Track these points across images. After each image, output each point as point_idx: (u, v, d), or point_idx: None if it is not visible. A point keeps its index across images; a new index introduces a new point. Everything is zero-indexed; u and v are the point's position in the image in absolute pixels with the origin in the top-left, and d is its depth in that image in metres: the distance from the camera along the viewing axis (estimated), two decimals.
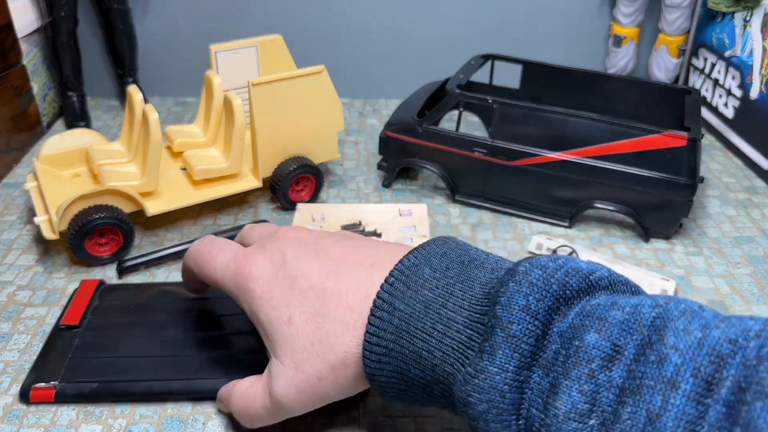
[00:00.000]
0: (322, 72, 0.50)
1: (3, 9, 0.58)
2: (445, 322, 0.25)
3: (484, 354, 0.23)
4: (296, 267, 0.29)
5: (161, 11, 0.70)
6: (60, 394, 0.34)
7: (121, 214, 0.45)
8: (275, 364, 0.29)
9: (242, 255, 0.31)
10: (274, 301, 0.29)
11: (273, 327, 0.29)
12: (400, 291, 0.26)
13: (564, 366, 0.21)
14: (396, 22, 0.72)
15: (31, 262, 0.46)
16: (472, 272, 0.26)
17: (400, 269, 0.27)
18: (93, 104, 0.72)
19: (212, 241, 0.34)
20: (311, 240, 0.31)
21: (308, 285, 0.28)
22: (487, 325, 0.23)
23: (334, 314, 0.28)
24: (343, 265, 0.29)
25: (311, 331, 0.28)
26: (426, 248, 0.28)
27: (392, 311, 0.26)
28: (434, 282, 0.26)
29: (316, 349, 0.27)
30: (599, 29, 0.74)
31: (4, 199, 0.54)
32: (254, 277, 0.30)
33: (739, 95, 0.63)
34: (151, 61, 0.72)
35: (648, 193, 0.48)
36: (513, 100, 0.50)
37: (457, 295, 0.25)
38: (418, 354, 0.25)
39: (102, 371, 0.35)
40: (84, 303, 0.40)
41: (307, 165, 0.52)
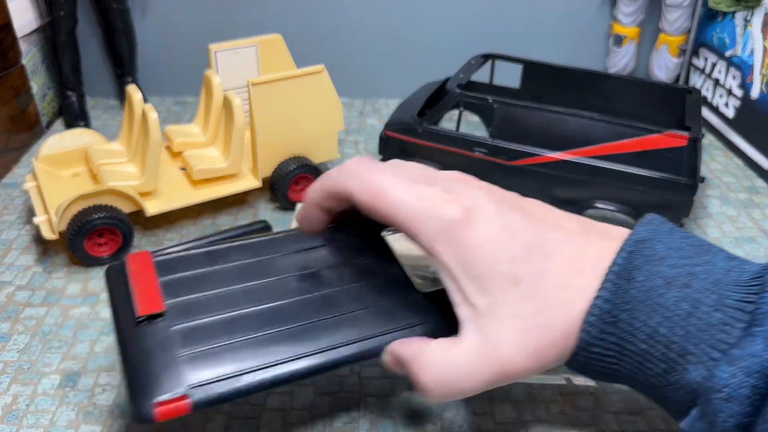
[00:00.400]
0: (322, 72, 0.50)
1: (2, 8, 0.58)
2: (691, 302, 0.24)
3: (756, 338, 0.22)
4: (510, 221, 0.27)
5: (161, 11, 0.70)
6: (199, 401, 0.26)
7: (120, 214, 0.45)
8: (495, 328, 0.26)
9: (438, 195, 0.27)
10: (495, 254, 0.26)
11: (495, 284, 0.26)
12: (638, 262, 0.26)
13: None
14: (396, 21, 0.72)
15: (30, 262, 0.46)
16: (706, 256, 0.26)
17: (635, 239, 0.26)
18: (92, 104, 0.72)
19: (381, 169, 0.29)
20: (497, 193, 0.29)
21: (529, 243, 0.26)
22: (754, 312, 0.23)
23: (561, 278, 0.26)
24: (553, 226, 0.27)
25: (542, 294, 0.26)
26: (652, 224, 0.27)
27: (630, 280, 0.25)
28: (671, 260, 0.26)
29: (550, 314, 0.26)
30: (600, 29, 0.73)
31: (3, 199, 0.54)
32: (470, 223, 0.26)
33: (739, 95, 0.63)
34: (151, 60, 0.72)
35: (648, 193, 0.48)
36: (513, 99, 0.50)
37: (699, 276, 0.25)
38: (654, 329, 0.25)
39: (229, 362, 0.27)
40: (153, 282, 0.31)
41: (307, 165, 0.52)
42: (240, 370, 0.27)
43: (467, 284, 0.27)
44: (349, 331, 0.29)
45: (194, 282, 0.31)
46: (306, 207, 0.32)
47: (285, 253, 0.33)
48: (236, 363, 0.27)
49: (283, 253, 0.33)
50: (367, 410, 0.35)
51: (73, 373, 0.37)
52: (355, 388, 0.36)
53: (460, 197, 0.27)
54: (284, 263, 0.33)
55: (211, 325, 0.29)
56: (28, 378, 0.37)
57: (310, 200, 0.32)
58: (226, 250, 0.33)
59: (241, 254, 0.33)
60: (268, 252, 0.33)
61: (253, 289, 0.31)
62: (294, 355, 0.28)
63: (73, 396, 0.35)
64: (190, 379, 0.26)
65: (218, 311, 0.29)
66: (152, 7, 0.70)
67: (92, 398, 0.35)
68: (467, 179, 0.30)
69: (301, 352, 0.28)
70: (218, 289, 0.31)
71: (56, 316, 0.41)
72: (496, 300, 0.26)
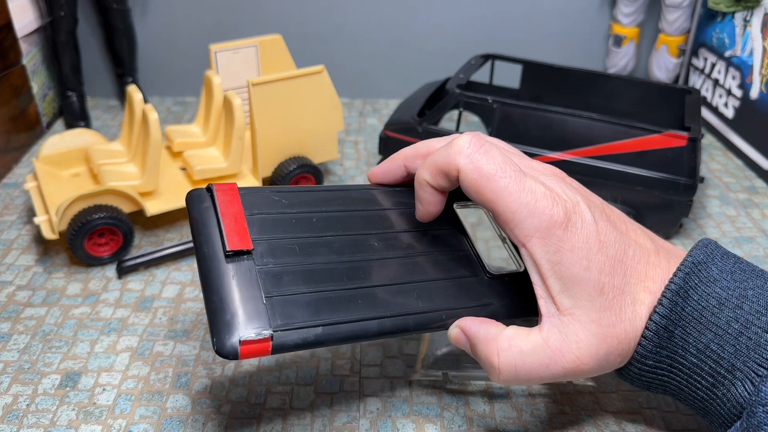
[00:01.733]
0: (321, 72, 0.50)
1: (2, 9, 0.58)
2: (743, 322, 0.26)
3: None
4: (603, 231, 0.28)
5: (161, 11, 0.70)
6: (279, 345, 0.26)
7: (120, 214, 0.45)
8: (574, 327, 0.27)
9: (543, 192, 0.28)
10: (586, 261, 0.27)
11: (582, 289, 0.27)
12: (693, 282, 0.28)
13: None
14: (396, 22, 0.72)
15: (30, 262, 0.46)
16: (757, 281, 0.28)
17: (692, 261, 0.28)
18: (92, 104, 0.72)
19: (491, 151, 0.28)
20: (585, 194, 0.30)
21: (615, 256, 0.28)
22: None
23: (636, 295, 0.28)
24: (632, 241, 0.29)
25: (619, 307, 0.28)
26: (708, 248, 0.29)
27: (686, 299, 0.27)
28: (724, 282, 0.28)
29: (623, 327, 0.28)
30: (599, 29, 0.74)
31: (3, 199, 0.54)
32: (570, 227, 0.27)
33: (739, 95, 0.63)
34: (151, 60, 0.72)
35: (648, 193, 0.48)
36: (513, 99, 0.50)
37: (750, 299, 0.27)
38: (706, 345, 0.27)
39: (317, 310, 0.27)
40: (241, 217, 0.29)
41: (307, 165, 0.52)
42: (320, 321, 0.27)
43: (555, 283, 0.28)
44: (422, 299, 0.30)
45: (281, 224, 0.30)
46: (418, 189, 0.31)
47: (369, 209, 0.33)
48: (317, 313, 0.27)
49: (367, 209, 0.33)
50: (367, 410, 0.35)
51: (73, 373, 0.37)
52: (355, 388, 0.36)
53: (562, 198, 0.28)
54: (368, 220, 0.32)
55: (295, 272, 0.28)
56: (29, 378, 0.37)
57: (422, 180, 0.31)
58: (312, 194, 0.33)
59: (326, 202, 0.33)
60: (352, 205, 0.33)
61: (336, 242, 0.31)
62: (368, 316, 0.28)
63: (73, 396, 0.36)
64: (274, 322, 0.26)
65: (303, 258, 0.29)
66: (152, 8, 0.70)
67: (92, 398, 0.35)
68: (563, 178, 0.31)
69: (375, 314, 0.28)
70: (303, 235, 0.30)
71: (56, 316, 0.41)
72: (579, 303, 0.28)
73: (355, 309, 0.28)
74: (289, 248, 0.29)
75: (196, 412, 0.35)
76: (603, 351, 0.28)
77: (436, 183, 0.30)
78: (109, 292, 0.44)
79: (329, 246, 0.30)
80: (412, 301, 0.29)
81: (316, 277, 0.29)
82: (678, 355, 0.28)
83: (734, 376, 0.26)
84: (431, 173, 0.30)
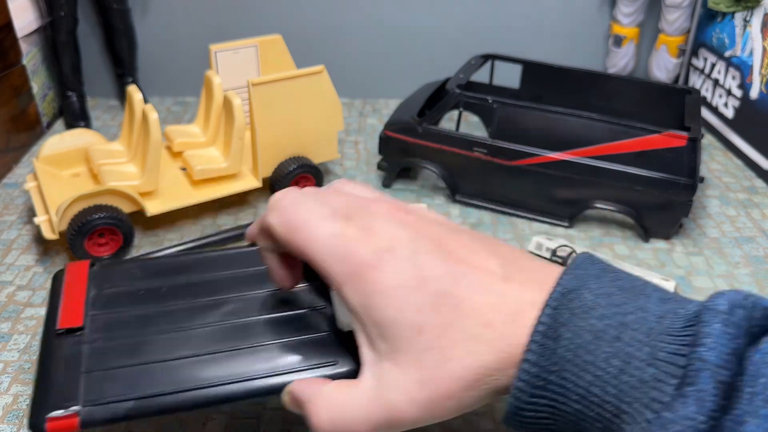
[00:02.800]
0: (321, 72, 0.50)
1: (3, 9, 0.58)
2: (622, 356, 0.23)
3: (688, 399, 0.21)
4: (423, 265, 0.26)
5: (161, 11, 0.70)
6: (87, 420, 0.26)
7: (120, 214, 0.45)
8: (392, 374, 0.25)
9: (353, 235, 0.26)
10: (400, 301, 0.25)
11: (397, 332, 0.25)
12: (564, 317, 0.24)
13: (751, 404, 0.21)
14: (396, 21, 0.72)
15: (30, 262, 0.46)
16: (639, 302, 0.24)
17: (560, 291, 0.25)
18: (92, 104, 0.72)
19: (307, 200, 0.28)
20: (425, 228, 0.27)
21: (440, 290, 0.25)
22: (686, 367, 0.22)
23: (470, 330, 0.25)
24: (472, 270, 0.26)
25: (445, 345, 0.25)
26: (579, 268, 0.26)
27: (557, 339, 0.24)
28: (600, 310, 0.24)
29: (451, 367, 0.25)
30: (599, 29, 0.74)
31: (3, 198, 0.54)
32: (376, 267, 0.26)
33: (739, 95, 0.63)
34: (151, 60, 0.72)
35: (648, 193, 0.48)
36: (513, 99, 0.50)
37: (631, 327, 0.23)
38: (586, 390, 0.23)
39: (133, 384, 0.27)
40: (81, 295, 0.31)
41: (307, 165, 0.52)
42: (134, 395, 0.27)
43: (371, 328, 0.26)
44: (258, 364, 0.29)
45: (126, 297, 0.31)
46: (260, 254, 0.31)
47: (226, 273, 0.33)
48: (132, 387, 0.27)
49: (224, 273, 0.33)
50: None
51: None
52: None
53: (376, 237, 0.26)
54: (221, 284, 0.32)
55: (123, 345, 0.29)
56: (29, 378, 0.37)
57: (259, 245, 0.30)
58: (163, 264, 0.33)
59: (183, 270, 0.33)
60: (209, 271, 0.33)
61: (179, 311, 0.31)
62: (189, 387, 0.27)
63: None
64: (86, 398, 0.27)
65: (135, 331, 0.30)
66: (152, 8, 0.70)
67: None
68: (394, 214, 0.28)
69: (197, 384, 0.27)
70: (144, 307, 0.31)
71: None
72: (396, 347, 0.25)
73: (176, 380, 0.27)
74: (125, 322, 0.30)
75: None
76: (425, 395, 0.25)
77: (267, 245, 0.30)
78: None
79: (169, 316, 0.30)
80: (251, 367, 0.28)
81: (143, 350, 0.29)
82: (558, 403, 0.24)
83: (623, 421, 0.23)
84: (259, 237, 0.30)
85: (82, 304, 0.31)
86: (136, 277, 0.33)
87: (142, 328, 0.30)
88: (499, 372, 0.25)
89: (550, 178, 0.50)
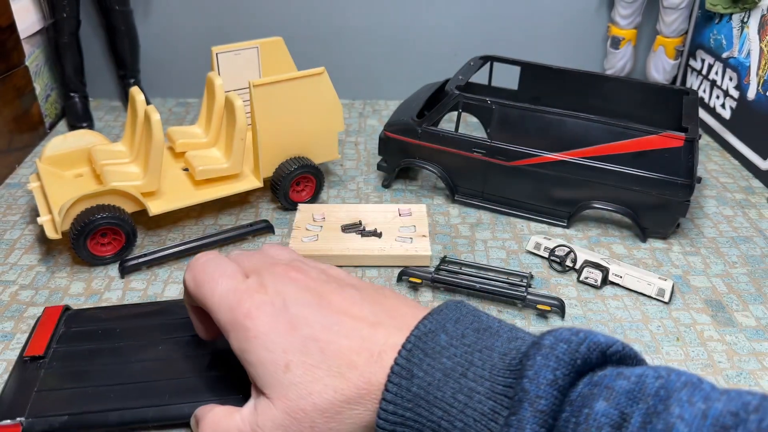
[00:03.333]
0: (322, 73, 0.51)
1: (6, 10, 0.59)
2: (466, 392, 0.25)
3: (511, 428, 0.23)
4: (298, 314, 0.29)
5: (163, 13, 0.70)
6: (27, 429, 0.32)
7: (123, 214, 0.46)
8: (264, 404, 0.29)
9: (244, 289, 0.30)
10: (270, 344, 0.29)
11: (266, 370, 0.29)
12: (418, 358, 0.26)
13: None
14: (396, 23, 0.73)
15: (33, 261, 0.47)
16: (488, 341, 0.26)
17: (416, 335, 0.27)
18: (95, 105, 0.72)
19: (217, 261, 0.33)
20: (312, 284, 0.31)
21: (309, 335, 0.29)
22: (513, 398, 0.24)
23: (334, 369, 0.28)
24: (345, 318, 0.29)
25: (309, 381, 0.28)
26: (440, 314, 0.28)
27: (411, 378, 0.26)
28: (452, 350, 0.26)
29: (313, 400, 0.28)
30: (597, 31, 0.74)
31: (6, 199, 0.54)
32: (252, 316, 0.29)
33: (736, 96, 0.63)
34: (153, 62, 0.72)
35: (646, 193, 0.48)
36: (511, 101, 0.51)
37: (476, 364, 0.25)
38: (437, 424, 0.25)
39: (71, 403, 0.34)
40: (48, 331, 0.38)
41: (308, 165, 0.52)
42: (69, 412, 0.33)
43: (249, 368, 0.29)
44: (174, 395, 0.34)
45: (87, 335, 0.38)
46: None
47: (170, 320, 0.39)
48: (69, 405, 0.33)
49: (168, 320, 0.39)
50: None
51: None
52: None
53: (263, 292, 0.30)
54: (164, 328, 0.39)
55: (73, 372, 0.35)
56: None
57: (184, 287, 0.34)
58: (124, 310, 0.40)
59: (132, 316, 0.40)
60: (159, 317, 0.40)
61: (125, 347, 0.37)
62: (112, 407, 0.33)
63: None
64: (30, 411, 0.33)
65: (86, 362, 0.36)
66: (154, 9, 0.70)
67: None
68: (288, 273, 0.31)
69: (119, 406, 0.34)
70: (98, 343, 0.37)
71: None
72: (268, 383, 0.29)
73: (102, 403, 0.34)
74: (79, 354, 0.37)
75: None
76: (288, 424, 0.28)
77: (186, 299, 0.34)
78: (112, 291, 0.44)
79: (115, 351, 0.37)
80: (158, 397, 0.34)
81: (86, 377, 0.35)
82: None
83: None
84: (183, 291, 0.34)
85: (47, 339, 0.37)
86: (99, 320, 0.39)
87: (90, 360, 0.36)
88: (359, 405, 0.27)
89: (548, 179, 0.51)
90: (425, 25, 0.73)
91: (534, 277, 0.46)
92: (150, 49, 0.72)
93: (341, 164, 0.61)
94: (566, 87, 0.59)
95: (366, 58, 0.74)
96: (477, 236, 0.51)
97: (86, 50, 0.69)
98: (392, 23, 0.72)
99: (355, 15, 0.72)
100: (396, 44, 0.74)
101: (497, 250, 0.50)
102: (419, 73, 0.74)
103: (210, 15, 0.71)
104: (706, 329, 0.42)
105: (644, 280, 0.44)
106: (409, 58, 0.74)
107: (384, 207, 0.52)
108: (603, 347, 0.25)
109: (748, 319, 0.43)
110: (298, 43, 0.71)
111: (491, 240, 0.51)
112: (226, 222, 0.52)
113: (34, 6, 0.64)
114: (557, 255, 0.47)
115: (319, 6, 0.71)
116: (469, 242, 0.50)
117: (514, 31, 0.73)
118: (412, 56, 0.74)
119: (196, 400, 0.34)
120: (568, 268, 0.47)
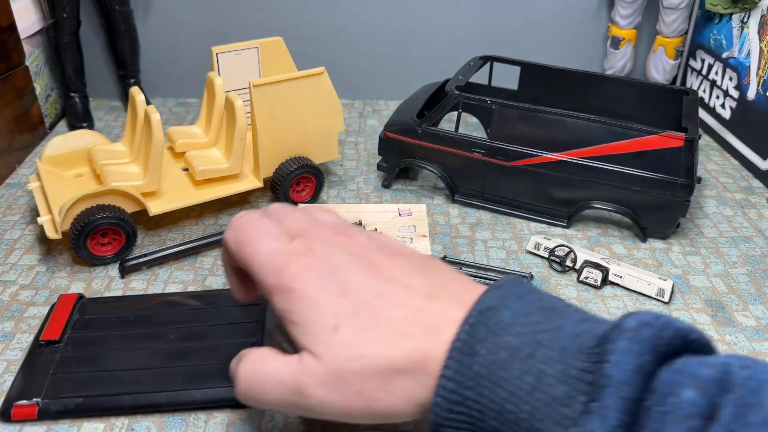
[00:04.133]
0: (322, 73, 0.51)
1: (6, 10, 0.59)
2: (535, 373, 0.23)
3: (592, 415, 0.22)
4: (348, 280, 0.28)
5: (163, 13, 0.71)
6: (43, 411, 0.34)
7: (123, 214, 0.46)
8: (309, 360, 0.27)
9: (289, 251, 0.29)
10: (320, 306, 0.27)
11: (314, 329, 0.27)
12: (481, 334, 0.25)
13: (661, 422, 0.21)
14: (396, 23, 0.73)
15: (33, 261, 0.47)
16: (556, 320, 0.25)
17: (479, 309, 0.26)
18: (95, 105, 0.72)
19: (260, 220, 0.31)
20: (361, 250, 0.30)
21: (360, 301, 0.27)
22: (593, 383, 0.22)
23: (387, 336, 0.26)
24: (397, 287, 0.28)
25: (360, 343, 0.26)
26: (502, 289, 0.27)
27: (473, 355, 0.24)
28: (516, 328, 0.25)
29: (363, 364, 0.26)
30: (597, 31, 0.74)
31: (7, 199, 0.54)
32: (300, 278, 0.28)
33: (736, 96, 0.63)
34: (153, 62, 0.73)
35: (645, 193, 0.48)
36: (511, 101, 0.51)
37: (545, 345, 0.24)
38: (501, 405, 0.24)
39: (86, 386, 0.35)
40: (63, 318, 0.39)
41: (308, 165, 0.52)
42: (83, 394, 0.34)
43: (292, 327, 0.28)
44: (185, 381, 0.35)
45: (101, 322, 0.39)
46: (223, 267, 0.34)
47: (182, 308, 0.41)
48: (83, 388, 0.34)
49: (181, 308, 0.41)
50: None
51: None
52: None
53: (310, 255, 0.29)
54: (177, 316, 0.40)
55: (88, 357, 0.37)
56: None
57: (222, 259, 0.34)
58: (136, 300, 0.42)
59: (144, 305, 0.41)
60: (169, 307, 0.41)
61: (137, 335, 0.38)
62: (126, 391, 0.34)
63: None
64: (47, 393, 0.34)
65: (100, 347, 0.37)
66: (154, 9, 0.70)
67: None
68: (335, 237, 0.30)
69: (132, 390, 0.35)
70: (112, 330, 0.39)
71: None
72: (315, 343, 0.27)
73: (116, 387, 0.35)
74: (93, 339, 0.38)
75: (198, 410, 0.35)
76: (338, 389, 0.26)
77: (225, 259, 0.33)
78: (112, 291, 0.44)
79: (128, 338, 0.38)
80: (171, 383, 0.35)
81: (99, 361, 0.36)
82: (477, 419, 0.24)
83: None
84: (222, 252, 0.33)
85: (63, 324, 0.39)
86: (112, 308, 0.41)
87: (104, 345, 0.37)
88: (412, 379, 0.26)
89: (548, 179, 0.51)
90: (425, 25, 0.73)
91: (534, 277, 0.46)
92: (150, 49, 0.72)
93: (341, 164, 0.61)
94: (566, 87, 0.59)
95: (366, 58, 0.74)
96: (477, 236, 0.51)
97: (86, 50, 0.69)
98: (392, 23, 0.73)
99: (355, 15, 0.72)
100: (396, 44, 0.74)
101: (497, 250, 0.50)
102: (419, 73, 0.74)
103: (210, 15, 0.71)
104: (706, 329, 0.42)
105: (644, 280, 0.44)
106: (409, 58, 0.74)
107: (384, 207, 0.52)
108: (684, 334, 0.23)
109: (748, 319, 0.43)
110: (298, 43, 0.71)
111: (491, 240, 0.51)
112: (226, 222, 0.52)
113: (34, 6, 0.64)
114: (557, 255, 0.47)
115: (319, 6, 0.71)
116: (469, 242, 0.50)
117: (514, 31, 0.73)
118: (412, 56, 0.74)
119: (208, 386, 0.35)
120: (568, 268, 0.47)
